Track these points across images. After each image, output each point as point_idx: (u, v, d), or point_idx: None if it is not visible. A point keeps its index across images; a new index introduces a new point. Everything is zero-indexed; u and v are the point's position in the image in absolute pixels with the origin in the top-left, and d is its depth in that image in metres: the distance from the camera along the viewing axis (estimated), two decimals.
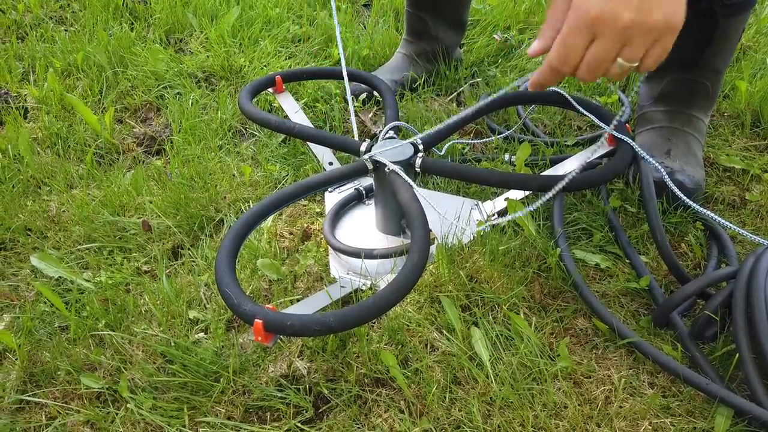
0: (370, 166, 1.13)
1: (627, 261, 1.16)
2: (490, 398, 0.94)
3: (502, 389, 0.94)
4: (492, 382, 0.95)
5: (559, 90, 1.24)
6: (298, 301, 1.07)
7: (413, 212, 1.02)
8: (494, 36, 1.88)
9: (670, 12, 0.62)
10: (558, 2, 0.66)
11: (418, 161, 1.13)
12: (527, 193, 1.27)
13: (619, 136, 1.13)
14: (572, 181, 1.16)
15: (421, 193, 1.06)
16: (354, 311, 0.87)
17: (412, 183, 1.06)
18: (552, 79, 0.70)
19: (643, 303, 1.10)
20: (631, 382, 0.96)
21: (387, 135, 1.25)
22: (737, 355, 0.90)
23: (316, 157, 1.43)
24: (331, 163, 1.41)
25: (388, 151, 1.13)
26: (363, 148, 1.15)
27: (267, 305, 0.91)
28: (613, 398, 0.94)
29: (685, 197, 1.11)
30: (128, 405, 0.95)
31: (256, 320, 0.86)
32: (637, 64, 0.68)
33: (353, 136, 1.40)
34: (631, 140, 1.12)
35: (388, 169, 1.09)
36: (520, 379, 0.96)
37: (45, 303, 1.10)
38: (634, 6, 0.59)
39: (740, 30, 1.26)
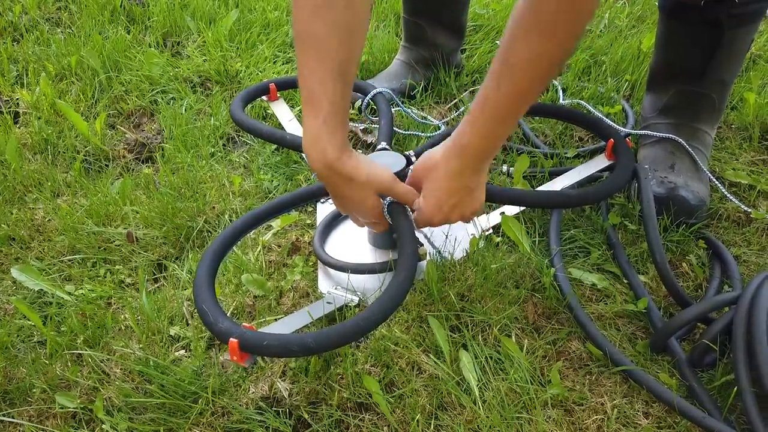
0: None
1: (625, 281, 1.11)
2: (477, 426, 0.90)
3: (489, 416, 0.90)
4: (479, 408, 0.91)
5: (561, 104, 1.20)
6: (282, 318, 1.04)
7: (402, 229, 0.99)
8: (497, 42, 1.84)
9: (472, 210, 0.99)
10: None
11: (411, 173, 1.09)
12: (522, 208, 1.23)
13: None
14: (573, 197, 1.13)
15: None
16: (335, 332, 0.84)
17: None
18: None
19: (641, 326, 1.05)
20: (624, 412, 0.92)
21: (380, 146, 1.22)
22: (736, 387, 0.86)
23: (309, 166, 1.40)
24: None
25: (381, 163, 1.09)
26: None
27: (245, 324, 0.88)
28: (605, 428, 0.90)
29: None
30: (103, 426, 0.92)
31: (231, 339, 0.83)
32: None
33: None
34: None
35: None
36: (509, 406, 0.92)
37: (23, 317, 1.08)
38: (457, 217, 0.99)
39: (747, 41, 1.21)
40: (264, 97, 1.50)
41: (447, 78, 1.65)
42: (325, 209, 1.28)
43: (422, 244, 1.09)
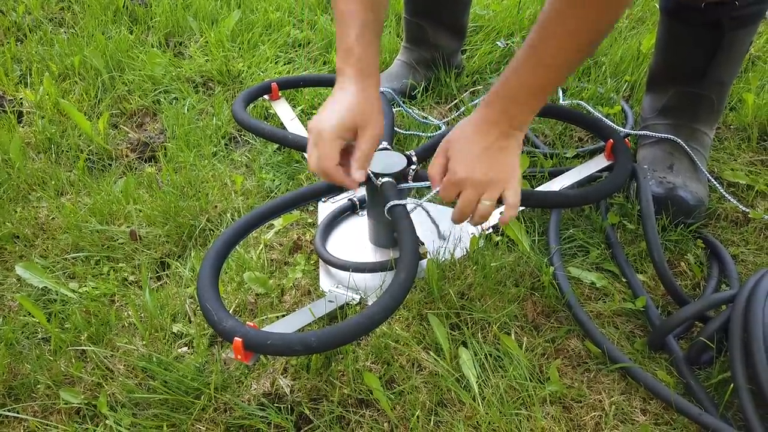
0: None
1: (623, 280, 1.12)
2: (477, 422, 0.91)
3: (488, 413, 0.91)
4: (479, 405, 0.92)
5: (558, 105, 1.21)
6: (284, 316, 1.05)
7: (403, 229, 0.99)
8: (497, 43, 1.85)
9: (505, 172, 0.93)
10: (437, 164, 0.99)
11: (412, 173, 1.10)
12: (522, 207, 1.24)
13: None
14: (572, 197, 1.13)
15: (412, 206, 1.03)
16: (337, 331, 0.85)
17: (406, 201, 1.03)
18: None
19: (639, 324, 1.06)
20: (622, 408, 0.93)
21: (381, 146, 1.23)
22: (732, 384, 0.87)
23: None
24: None
25: (382, 162, 1.10)
26: None
27: (248, 322, 0.89)
28: (603, 425, 0.91)
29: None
30: (107, 421, 0.93)
31: (235, 338, 0.84)
32: (493, 202, 0.95)
33: None
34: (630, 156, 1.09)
35: (380, 181, 1.07)
36: (508, 402, 0.93)
37: (28, 314, 1.09)
38: (482, 175, 0.92)
39: (747, 42, 1.22)
40: (266, 97, 1.51)
41: (447, 78, 1.66)
42: (326, 208, 1.29)
43: (423, 243, 1.11)
